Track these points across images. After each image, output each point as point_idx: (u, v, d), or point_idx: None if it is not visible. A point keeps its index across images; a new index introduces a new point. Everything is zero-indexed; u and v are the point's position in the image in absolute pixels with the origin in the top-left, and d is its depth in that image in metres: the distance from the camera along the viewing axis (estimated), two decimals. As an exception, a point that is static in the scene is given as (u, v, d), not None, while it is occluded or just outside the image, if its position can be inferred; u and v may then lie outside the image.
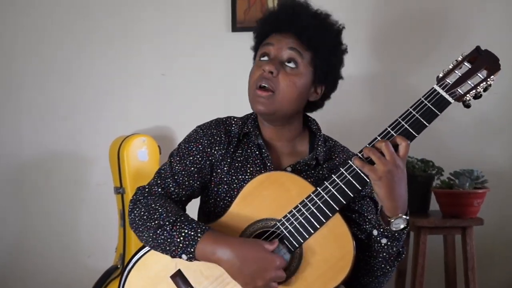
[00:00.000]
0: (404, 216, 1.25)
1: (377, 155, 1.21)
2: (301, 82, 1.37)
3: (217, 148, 1.41)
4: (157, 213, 1.29)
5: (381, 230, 1.27)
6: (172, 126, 2.47)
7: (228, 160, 1.41)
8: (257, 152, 1.42)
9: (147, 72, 2.48)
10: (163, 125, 2.47)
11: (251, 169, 1.40)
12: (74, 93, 2.49)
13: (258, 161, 1.41)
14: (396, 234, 1.27)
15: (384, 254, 1.30)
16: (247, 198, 1.32)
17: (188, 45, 2.47)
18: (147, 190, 1.38)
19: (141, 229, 1.31)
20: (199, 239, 1.24)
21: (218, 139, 1.42)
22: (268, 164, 1.40)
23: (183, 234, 1.25)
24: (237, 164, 1.40)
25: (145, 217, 1.31)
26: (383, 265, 1.32)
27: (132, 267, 1.33)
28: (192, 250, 1.24)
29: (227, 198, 1.37)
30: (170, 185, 1.38)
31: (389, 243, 1.28)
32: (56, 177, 2.49)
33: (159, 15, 2.48)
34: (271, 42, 1.39)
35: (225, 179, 1.39)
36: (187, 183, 1.39)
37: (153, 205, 1.32)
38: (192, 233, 1.25)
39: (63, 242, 2.48)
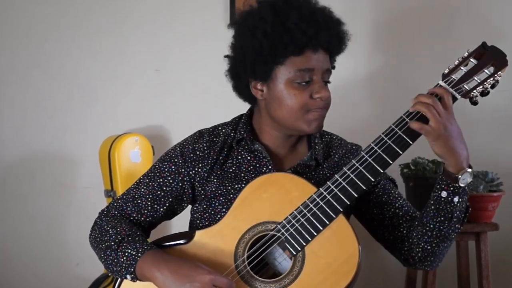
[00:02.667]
0: (469, 170, 1.31)
1: (431, 114, 1.26)
2: None
3: (200, 165, 1.47)
4: (108, 235, 1.39)
5: (451, 189, 1.32)
6: (166, 125, 2.50)
7: (218, 172, 1.47)
8: (249, 158, 1.48)
9: (139, 68, 2.51)
10: (157, 124, 2.50)
11: (246, 177, 1.46)
12: (60, 89, 2.50)
13: (252, 167, 1.47)
14: (466, 188, 1.33)
15: (458, 212, 1.35)
16: (245, 202, 1.37)
17: (183, 39, 2.50)
18: (105, 212, 1.48)
19: (96, 251, 1.43)
20: (139, 258, 1.33)
21: (201, 154, 1.48)
22: (270, 166, 1.46)
23: (126, 254, 1.34)
24: (229, 175, 1.46)
25: (98, 239, 1.42)
26: (456, 225, 1.37)
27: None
28: (132, 269, 1.33)
29: (224, 210, 1.43)
30: (128, 209, 1.47)
31: (460, 199, 1.34)
32: (41, 180, 2.51)
33: (152, 7, 2.51)
34: (312, 68, 1.39)
35: (219, 191, 1.45)
36: (150, 207, 1.47)
37: (105, 227, 1.42)
38: (134, 253, 1.34)
39: (48, 249, 2.49)
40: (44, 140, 2.52)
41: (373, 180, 1.32)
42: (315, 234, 1.31)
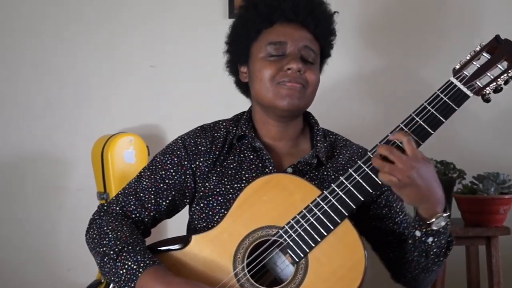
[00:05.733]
0: (444, 214, 1.29)
1: (388, 167, 1.24)
2: (318, 74, 1.49)
3: (202, 159, 1.47)
4: (107, 239, 1.37)
5: (424, 230, 1.32)
6: (162, 124, 2.50)
7: (218, 169, 1.46)
8: (251, 156, 1.47)
9: (133, 64, 2.50)
10: (152, 123, 2.50)
11: (247, 175, 1.45)
12: (51, 87, 2.50)
13: (254, 166, 1.46)
14: (441, 229, 1.32)
15: (435, 250, 1.35)
16: (245, 205, 1.36)
17: (180, 33, 2.49)
18: (105, 208, 1.46)
19: (92, 252, 1.40)
20: (140, 274, 1.30)
21: (203, 149, 1.48)
22: (270, 167, 1.45)
23: (126, 267, 1.32)
24: (229, 172, 1.46)
25: (96, 240, 1.39)
26: (436, 260, 1.38)
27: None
28: (132, 285, 1.30)
29: (222, 210, 1.42)
30: (131, 204, 1.45)
31: (435, 239, 1.33)
32: (32, 181, 2.50)
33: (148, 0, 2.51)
34: (284, 41, 1.44)
35: (217, 190, 1.44)
36: (153, 201, 1.45)
37: (105, 228, 1.39)
38: (135, 267, 1.31)
39: (39, 254, 2.49)
40: (34, 140, 2.51)
41: (380, 183, 1.29)
42: (319, 240, 1.30)
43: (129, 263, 1.32)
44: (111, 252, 1.34)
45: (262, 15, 1.46)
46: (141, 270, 1.30)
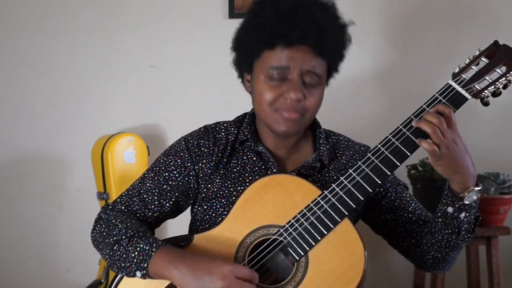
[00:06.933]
0: (476, 188, 1.32)
1: (436, 134, 1.27)
2: (322, 93, 1.45)
3: (204, 161, 1.48)
4: (116, 229, 1.38)
5: (457, 206, 1.34)
6: (162, 124, 2.51)
7: (221, 172, 1.47)
8: (254, 158, 1.49)
9: (133, 64, 2.51)
10: (152, 123, 2.51)
11: (250, 177, 1.46)
12: (51, 87, 2.51)
13: (257, 168, 1.48)
14: (473, 203, 1.35)
15: (466, 225, 1.38)
16: (247, 204, 1.38)
17: (180, 33, 2.50)
18: (110, 207, 1.47)
19: (101, 246, 1.41)
20: (153, 253, 1.31)
21: (206, 150, 1.49)
22: (275, 169, 1.46)
23: (138, 249, 1.33)
24: (233, 175, 1.47)
25: (104, 233, 1.40)
26: (466, 236, 1.40)
27: (121, 279, 1.39)
28: (145, 265, 1.31)
29: (225, 213, 1.43)
30: (135, 204, 1.46)
31: (467, 214, 1.36)
32: (31, 182, 2.51)
33: None
34: (286, 66, 1.38)
35: (220, 192, 1.46)
36: (156, 202, 1.47)
37: (113, 221, 1.41)
38: (147, 248, 1.32)
39: (39, 255, 2.50)
40: (34, 140, 2.52)
41: (380, 183, 1.32)
42: (319, 238, 1.32)
43: (141, 245, 1.33)
44: (123, 238, 1.35)
45: (265, 37, 1.39)
46: (154, 249, 1.32)
